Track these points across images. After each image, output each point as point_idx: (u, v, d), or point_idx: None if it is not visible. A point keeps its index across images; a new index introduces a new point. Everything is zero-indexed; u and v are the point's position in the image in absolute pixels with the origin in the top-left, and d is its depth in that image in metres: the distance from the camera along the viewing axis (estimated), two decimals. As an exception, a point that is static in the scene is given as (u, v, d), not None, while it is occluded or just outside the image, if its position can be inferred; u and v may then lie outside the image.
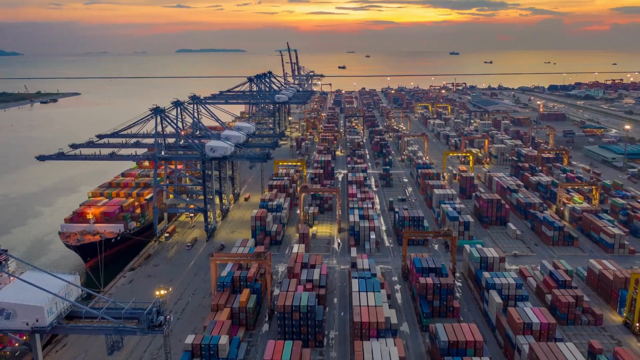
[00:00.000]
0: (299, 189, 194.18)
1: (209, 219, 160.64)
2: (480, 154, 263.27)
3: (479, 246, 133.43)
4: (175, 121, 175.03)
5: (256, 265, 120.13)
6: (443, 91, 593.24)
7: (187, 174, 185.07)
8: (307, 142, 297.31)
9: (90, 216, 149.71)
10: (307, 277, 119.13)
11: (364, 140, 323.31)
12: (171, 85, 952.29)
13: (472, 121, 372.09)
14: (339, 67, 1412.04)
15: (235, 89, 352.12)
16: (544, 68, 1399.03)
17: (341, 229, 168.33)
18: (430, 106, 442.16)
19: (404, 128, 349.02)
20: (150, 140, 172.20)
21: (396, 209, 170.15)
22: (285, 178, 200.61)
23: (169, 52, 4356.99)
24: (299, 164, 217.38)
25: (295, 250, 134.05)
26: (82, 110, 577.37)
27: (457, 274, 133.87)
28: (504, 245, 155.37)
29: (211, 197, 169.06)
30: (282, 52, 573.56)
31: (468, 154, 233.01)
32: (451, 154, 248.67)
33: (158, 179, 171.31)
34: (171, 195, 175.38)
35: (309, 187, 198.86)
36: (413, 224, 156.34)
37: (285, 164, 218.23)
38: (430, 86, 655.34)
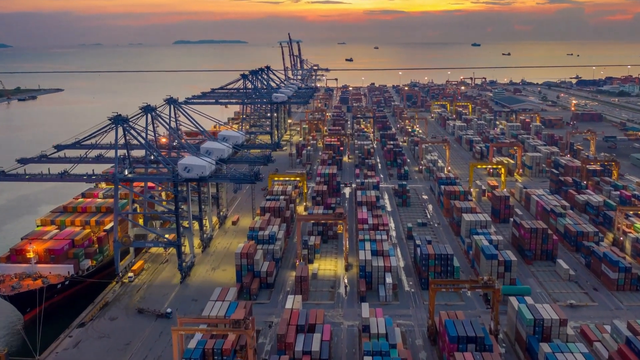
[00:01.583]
0: (297, 213, 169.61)
1: (183, 255, 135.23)
2: (510, 164, 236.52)
3: (529, 300, 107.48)
4: (145, 131, 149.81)
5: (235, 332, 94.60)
6: (462, 87, 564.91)
7: (159, 197, 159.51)
8: (309, 148, 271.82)
9: (31, 255, 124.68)
10: (303, 347, 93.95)
11: (375, 146, 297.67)
12: (165, 79, 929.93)
13: (497, 123, 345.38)
14: (346, 60, 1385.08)
15: (228, 86, 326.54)
16: (568, 60, 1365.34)
17: (349, 266, 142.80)
18: (448, 105, 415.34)
19: (419, 131, 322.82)
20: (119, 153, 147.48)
21: (417, 240, 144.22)
22: (282, 198, 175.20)
23: (166, 44, 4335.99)
24: (298, 179, 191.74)
25: (289, 303, 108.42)
26: (58, 109, 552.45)
27: (500, 335, 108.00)
28: (555, 289, 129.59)
29: (188, 224, 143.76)
30: (283, 44, 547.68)
31: (499, 166, 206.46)
32: (479, 166, 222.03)
33: (121, 203, 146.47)
34: (141, 221, 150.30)
35: (310, 207, 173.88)
36: (440, 263, 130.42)
37: (281, 178, 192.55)
38: (447, 81, 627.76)
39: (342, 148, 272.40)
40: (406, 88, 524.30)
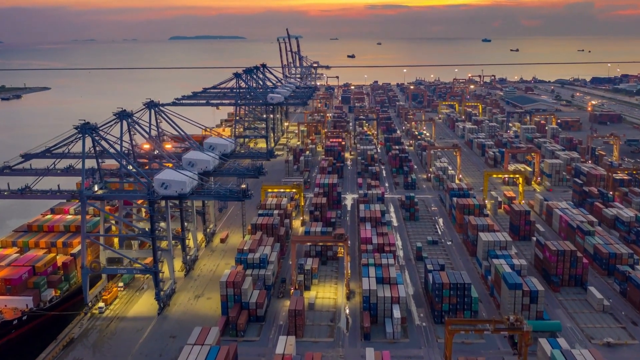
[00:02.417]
0: (292, 232, 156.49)
1: (161, 284, 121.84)
2: (527, 172, 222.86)
3: (562, 342, 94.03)
4: (120, 139, 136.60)
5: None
6: (472, 86, 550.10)
7: (137, 215, 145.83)
8: (307, 153, 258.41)
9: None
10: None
11: (379, 150, 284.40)
12: (159, 77, 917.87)
13: (510, 124, 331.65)
14: (348, 56, 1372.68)
15: (221, 85, 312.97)
16: (579, 57, 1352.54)
17: (351, 293, 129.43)
18: (457, 105, 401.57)
19: (427, 134, 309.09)
20: (91, 163, 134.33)
21: (428, 264, 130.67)
22: (275, 212, 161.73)
23: (161, 39, 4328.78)
24: (294, 190, 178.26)
25: (280, 347, 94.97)
26: (42, 110, 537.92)
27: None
28: (588, 323, 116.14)
29: (168, 246, 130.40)
30: (282, 40, 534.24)
31: (517, 175, 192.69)
32: (494, 175, 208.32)
33: (93, 221, 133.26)
34: (116, 243, 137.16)
35: (307, 223, 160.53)
36: (456, 293, 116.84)
37: (275, 190, 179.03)
38: (454, 79, 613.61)
39: (343, 153, 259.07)
40: (412, 87, 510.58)
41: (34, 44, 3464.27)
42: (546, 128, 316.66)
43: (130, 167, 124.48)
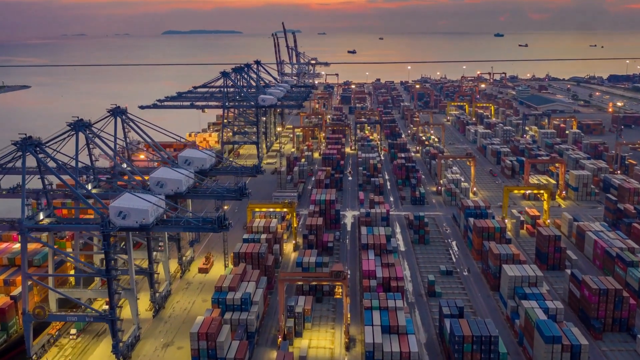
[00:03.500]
0: (281, 264, 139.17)
1: (119, 335, 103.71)
2: (551, 185, 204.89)
3: None
4: (75, 155, 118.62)
5: None
6: (482, 85, 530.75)
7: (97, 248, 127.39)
8: (302, 161, 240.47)
9: None
10: None
11: (382, 157, 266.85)
12: (149, 74, 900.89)
13: (526, 128, 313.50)
14: (349, 52, 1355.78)
15: (211, 84, 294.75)
16: (592, 52, 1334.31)
17: (350, 342, 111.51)
18: (467, 106, 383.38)
19: (435, 139, 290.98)
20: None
21: (443, 307, 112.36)
22: (263, 237, 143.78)
23: (154, 34, 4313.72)
24: (285, 209, 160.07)
25: None
26: (18, 111, 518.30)
27: None
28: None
29: (130, 285, 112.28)
30: (277, 35, 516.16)
31: (542, 191, 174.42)
32: (516, 191, 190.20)
33: (39, 256, 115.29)
34: (72, 280, 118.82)
35: (301, 250, 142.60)
36: (479, 348, 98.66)
37: (263, 209, 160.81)
38: (462, 77, 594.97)
39: (342, 162, 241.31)
40: (417, 86, 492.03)
41: (20, 39, 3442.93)
42: (566, 132, 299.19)
43: (81, 193, 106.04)
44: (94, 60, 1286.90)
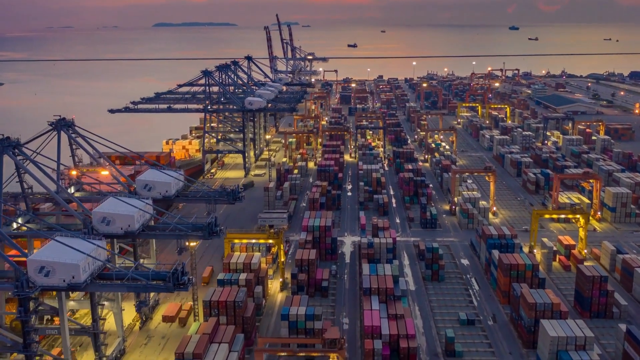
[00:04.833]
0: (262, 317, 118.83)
1: None
2: (582, 203, 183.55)
3: None
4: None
5: None
6: (496, 84, 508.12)
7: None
8: (295, 173, 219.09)
9: None
10: None
11: (386, 167, 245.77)
12: (136, 70, 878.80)
13: (547, 133, 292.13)
14: (349, 46, 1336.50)
15: (196, 82, 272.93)
16: (606, 46, 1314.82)
17: None
18: (479, 107, 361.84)
19: (447, 147, 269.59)
20: None
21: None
22: (242, 277, 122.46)
23: (144, 26, 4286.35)
24: (271, 241, 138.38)
25: None
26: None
27: None
28: None
29: (64, 354, 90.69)
30: (270, 29, 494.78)
31: (577, 216, 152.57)
32: (547, 216, 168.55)
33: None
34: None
35: (288, 292, 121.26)
36: None
37: (244, 240, 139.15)
38: (472, 74, 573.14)
39: (340, 175, 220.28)
40: (424, 84, 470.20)
41: (0, 32, 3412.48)
42: (593, 138, 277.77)
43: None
44: (75, 55, 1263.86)
